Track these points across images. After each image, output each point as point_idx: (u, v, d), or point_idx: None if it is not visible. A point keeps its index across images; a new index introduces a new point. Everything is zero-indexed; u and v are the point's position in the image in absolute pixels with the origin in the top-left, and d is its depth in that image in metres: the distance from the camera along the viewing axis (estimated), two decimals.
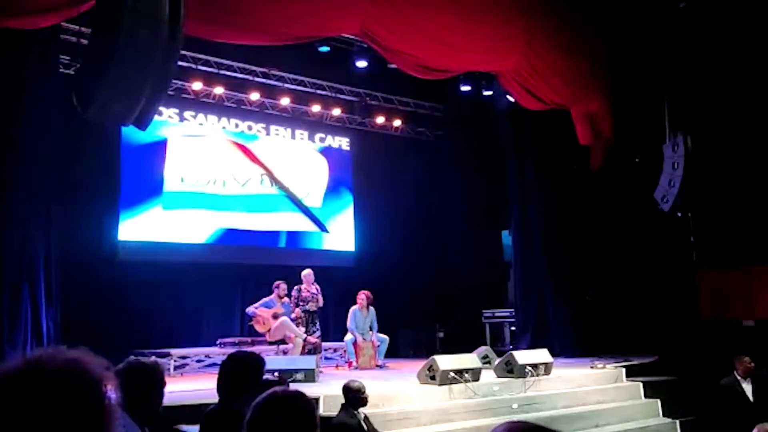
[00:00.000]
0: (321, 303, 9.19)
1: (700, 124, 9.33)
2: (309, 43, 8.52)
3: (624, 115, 9.63)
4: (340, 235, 12.18)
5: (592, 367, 8.48)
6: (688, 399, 8.00)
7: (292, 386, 3.46)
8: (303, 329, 8.93)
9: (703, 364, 8.40)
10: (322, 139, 12.17)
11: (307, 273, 9.31)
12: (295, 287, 9.15)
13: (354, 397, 5.33)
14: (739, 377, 7.07)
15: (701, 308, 9.90)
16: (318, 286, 9.28)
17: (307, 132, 11.99)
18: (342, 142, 12.42)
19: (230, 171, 11.01)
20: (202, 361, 9.25)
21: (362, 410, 5.44)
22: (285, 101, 11.18)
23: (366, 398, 5.39)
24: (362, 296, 9.58)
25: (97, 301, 8.95)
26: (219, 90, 10.49)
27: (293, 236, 11.59)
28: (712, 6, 9.30)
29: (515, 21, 8.48)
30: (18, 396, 0.97)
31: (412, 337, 11.67)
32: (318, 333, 9.11)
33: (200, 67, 10.11)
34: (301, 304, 9.05)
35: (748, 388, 7.04)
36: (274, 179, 11.45)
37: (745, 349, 7.31)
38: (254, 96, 10.90)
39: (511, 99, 9.77)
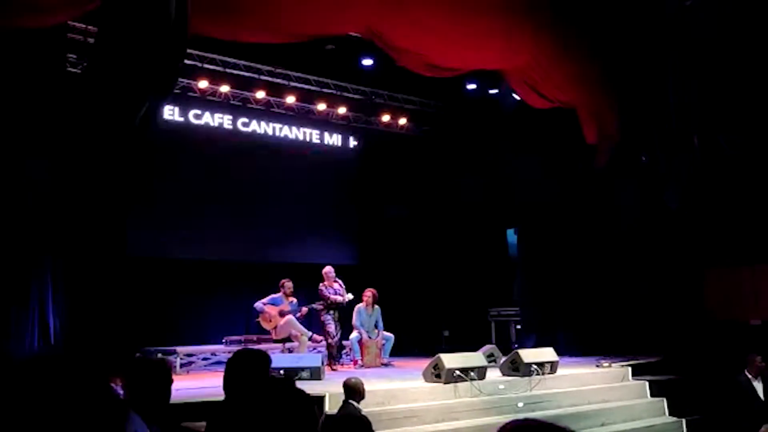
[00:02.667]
0: (347, 299, 9.14)
1: (707, 121, 9.29)
2: (315, 41, 8.52)
3: (630, 113, 9.59)
4: (345, 233, 12.19)
5: (597, 366, 8.47)
6: (695, 398, 7.97)
7: (298, 384, 3.47)
8: (333, 326, 8.94)
9: (709, 363, 8.37)
10: (327, 138, 12.18)
11: (327, 270, 9.30)
12: (320, 285, 9.13)
13: (356, 392, 5.38)
14: (750, 376, 7.05)
15: (708, 307, 9.86)
16: (341, 282, 9.26)
17: (313, 130, 12.01)
18: (347, 141, 12.43)
19: (236, 168, 11.03)
20: (209, 359, 9.29)
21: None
22: (290, 99, 11.18)
23: (364, 392, 5.46)
24: (368, 294, 9.58)
25: (104, 299, 8.97)
26: (225, 88, 10.50)
27: (299, 234, 11.60)
28: (718, 4, 9.26)
29: (522, 19, 8.46)
30: (26, 394, 0.98)
31: (417, 336, 11.68)
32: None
33: (206, 66, 10.12)
34: (328, 302, 9.02)
35: (758, 386, 7.03)
36: (280, 178, 11.47)
37: (752, 348, 7.29)
38: (260, 94, 10.91)
39: (517, 97, 9.76)
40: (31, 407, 0.97)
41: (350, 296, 9.17)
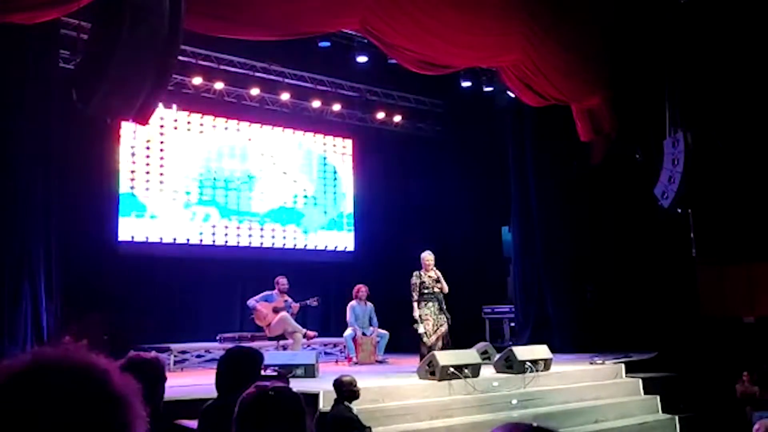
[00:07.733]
0: (446, 289, 8.17)
1: (701, 119, 9.30)
2: (309, 38, 8.50)
3: (624, 110, 9.60)
4: (340, 230, 12.18)
5: (591, 363, 8.48)
6: (688, 395, 8.00)
7: (292, 381, 3.47)
8: (431, 324, 8.04)
9: (703, 360, 8.39)
10: (322, 135, 12.16)
11: (426, 255, 8.16)
12: (414, 273, 8.13)
13: (348, 391, 5.34)
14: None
15: (701, 305, 9.89)
16: (438, 272, 8.13)
17: (307, 127, 11.99)
18: (342, 138, 12.41)
19: (230, 166, 11.01)
20: (202, 356, 9.27)
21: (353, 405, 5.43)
22: (285, 96, 11.15)
23: (358, 391, 5.40)
24: (362, 289, 9.61)
25: (97, 297, 8.95)
26: (219, 85, 10.47)
27: (294, 232, 11.59)
28: (713, 1, 9.27)
29: (515, 16, 8.45)
30: (28, 395, 0.95)
31: (411, 333, 11.65)
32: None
33: (200, 62, 10.08)
34: (424, 291, 8.08)
35: None
36: (274, 174, 11.45)
37: (746, 346, 7.29)
38: (254, 91, 10.88)
39: (512, 95, 9.76)
40: (34, 410, 0.95)
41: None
